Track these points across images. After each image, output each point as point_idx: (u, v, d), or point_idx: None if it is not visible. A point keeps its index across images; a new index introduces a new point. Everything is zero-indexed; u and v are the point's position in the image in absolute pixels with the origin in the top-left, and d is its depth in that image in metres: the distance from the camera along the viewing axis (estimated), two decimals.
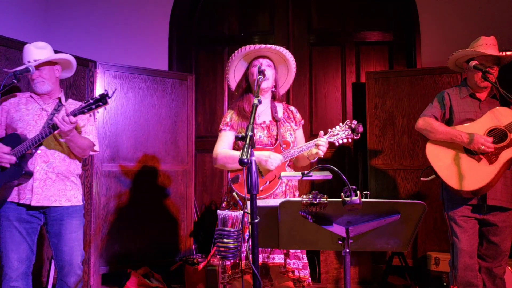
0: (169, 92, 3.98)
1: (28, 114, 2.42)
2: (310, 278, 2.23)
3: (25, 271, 2.37)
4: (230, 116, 2.40)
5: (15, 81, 2.28)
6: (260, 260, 2.18)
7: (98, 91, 3.60)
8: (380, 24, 4.38)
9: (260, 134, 2.30)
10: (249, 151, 1.50)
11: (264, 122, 2.35)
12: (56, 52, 3.30)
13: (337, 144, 2.22)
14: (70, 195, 2.45)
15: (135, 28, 4.40)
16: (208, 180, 4.48)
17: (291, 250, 2.18)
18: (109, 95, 2.13)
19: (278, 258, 2.18)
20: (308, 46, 4.45)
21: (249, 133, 1.56)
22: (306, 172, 1.66)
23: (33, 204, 2.32)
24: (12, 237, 2.33)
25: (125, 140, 3.73)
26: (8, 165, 2.27)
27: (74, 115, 2.19)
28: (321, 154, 2.18)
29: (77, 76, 3.48)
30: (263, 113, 2.37)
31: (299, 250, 2.21)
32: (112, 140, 3.67)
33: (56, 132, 2.25)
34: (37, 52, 2.43)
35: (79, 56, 3.53)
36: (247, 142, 1.53)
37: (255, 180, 1.53)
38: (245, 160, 1.47)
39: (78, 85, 3.51)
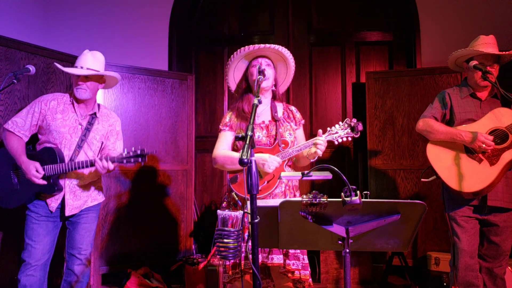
0: (169, 92, 3.98)
1: (65, 126, 2.51)
2: (311, 279, 2.23)
3: (45, 263, 2.50)
4: (229, 116, 2.40)
5: (15, 81, 2.32)
6: (260, 260, 2.17)
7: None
8: (380, 24, 4.38)
9: (259, 134, 2.29)
10: (249, 151, 1.50)
11: (263, 122, 2.34)
12: (55, 52, 3.32)
13: (336, 143, 2.20)
14: (95, 195, 2.66)
15: (135, 28, 4.40)
16: (208, 180, 4.48)
17: (290, 251, 2.18)
18: (148, 153, 2.37)
19: (277, 258, 2.18)
20: (308, 46, 4.44)
21: (249, 133, 1.56)
22: (306, 172, 1.66)
23: (67, 214, 2.51)
24: (39, 229, 2.47)
25: (125, 140, 3.67)
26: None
27: (113, 162, 2.37)
28: (320, 153, 2.17)
29: None
30: (263, 113, 2.37)
31: (298, 251, 2.20)
32: None
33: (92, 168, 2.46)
34: (92, 61, 2.52)
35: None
36: (247, 142, 1.53)
37: (255, 180, 1.52)
38: (245, 160, 1.47)
39: None
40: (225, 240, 1.82)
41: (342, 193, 1.46)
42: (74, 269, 2.56)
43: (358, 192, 1.44)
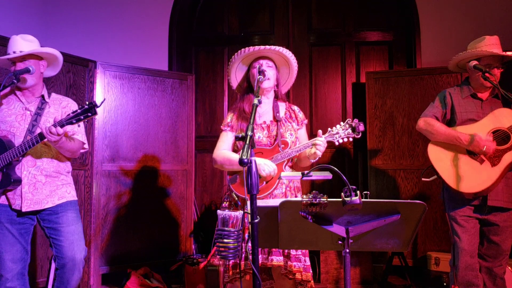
0: (169, 92, 3.98)
1: (11, 115, 2.33)
2: (313, 281, 2.23)
3: (21, 271, 2.32)
4: (230, 117, 2.40)
5: (15, 81, 2.27)
6: (260, 261, 2.17)
7: (98, 91, 3.60)
8: (380, 24, 4.38)
9: (259, 135, 2.29)
10: (249, 152, 1.50)
11: (265, 122, 2.34)
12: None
13: (336, 143, 2.19)
14: (62, 192, 2.39)
15: (135, 28, 4.40)
16: (208, 180, 4.48)
17: (292, 252, 2.18)
18: (98, 105, 2.04)
19: (276, 259, 2.17)
20: (308, 46, 4.44)
21: (249, 133, 1.56)
22: (306, 172, 1.66)
23: (24, 210, 2.27)
24: (4, 238, 2.29)
25: (125, 140, 3.73)
26: None
27: (62, 126, 2.08)
28: (319, 153, 2.15)
29: (77, 76, 3.49)
30: (265, 113, 2.37)
31: (300, 252, 2.20)
32: (112, 140, 3.67)
33: (44, 141, 2.18)
34: (24, 44, 2.33)
35: (79, 56, 3.54)
36: (247, 142, 1.53)
37: (255, 180, 1.52)
38: (245, 160, 1.47)
39: (78, 85, 3.51)
40: (225, 240, 1.82)
41: (342, 193, 1.46)
42: (69, 278, 2.35)
43: (358, 192, 1.44)
